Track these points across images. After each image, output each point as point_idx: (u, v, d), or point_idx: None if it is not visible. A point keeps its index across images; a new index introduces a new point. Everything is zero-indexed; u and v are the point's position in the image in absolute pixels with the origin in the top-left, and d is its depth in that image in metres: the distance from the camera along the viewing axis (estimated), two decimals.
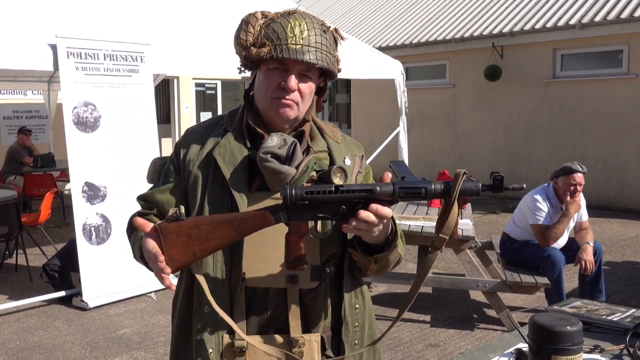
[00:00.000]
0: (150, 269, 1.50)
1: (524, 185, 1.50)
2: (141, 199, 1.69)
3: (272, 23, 1.52)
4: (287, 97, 1.53)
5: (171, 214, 1.47)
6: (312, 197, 1.42)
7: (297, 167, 1.54)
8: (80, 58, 5.32)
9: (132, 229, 1.66)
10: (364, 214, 1.40)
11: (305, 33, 1.50)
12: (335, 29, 1.60)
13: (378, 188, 1.42)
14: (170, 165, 1.67)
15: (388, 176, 1.47)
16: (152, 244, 1.44)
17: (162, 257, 1.43)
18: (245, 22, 1.53)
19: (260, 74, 1.56)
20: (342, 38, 1.61)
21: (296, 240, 1.45)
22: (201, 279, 1.52)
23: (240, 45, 1.53)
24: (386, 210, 1.43)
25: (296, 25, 1.50)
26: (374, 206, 1.41)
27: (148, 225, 1.47)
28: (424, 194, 1.43)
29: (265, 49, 1.49)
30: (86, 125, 5.39)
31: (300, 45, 1.49)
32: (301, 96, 1.55)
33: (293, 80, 1.52)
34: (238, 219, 1.45)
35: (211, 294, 1.53)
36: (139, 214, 1.67)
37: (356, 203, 1.43)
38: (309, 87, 1.56)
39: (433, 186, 1.43)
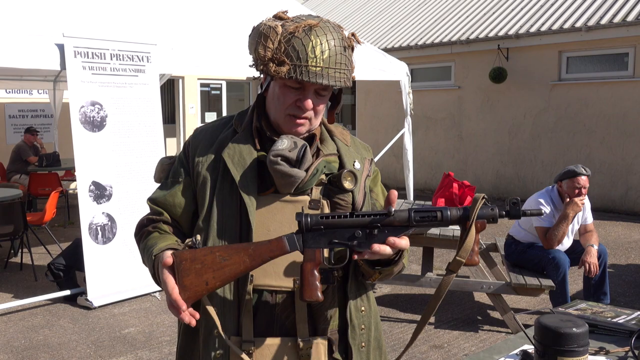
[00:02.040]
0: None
1: (542, 210, 1.51)
2: (151, 201, 1.67)
3: (293, 38, 1.47)
4: (302, 115, 1.53)
5: (187, 242, 1.48)
6: (327, 222, 1.42)
7: (306, 170, 1.53)
8: (87, 57, 5.35)
9: (141, 235, 1.65)
10: (377, 247, 1.41)
11: (326, 54, 1.47)
12: (353, 34, 1.57)
13: (393, 211, 1.41)
14: (178, 165, 1.66)
15: (394, 193, 1.46)
16: (171, 285, 1.43)
17: (184, 307, 1.42)
18: (265, 37, 1.48)
19: (276, 86, 1.54)
20: (359, 43, 1.59)
21: (311, 268, 1.43)
22: (211, 309, 1.52)
23: (259, 59, 1.50)
24: (403, 243, 1.43)
25: (317, 44, 1.47)
26: (391, 239, 1.41)
27: (169, 260, 1.45)
28: (439, 218, 1.43)
29: (285, 69, 1.46)
30: (93, 124, 5.41)
31: (320, 68, 1.47)
32: (315, 113, 1.56)
33: (310, 102, 1.52)
34: (253, 246, 1.44)
35: (219, 295, 1.54)
36: (147, 220, 1.66)
37: (372, 227, 1.43)
38: (323, 104, 1.57)
39: (449, 212, 1.43)
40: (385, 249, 1.41)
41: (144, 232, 1.65)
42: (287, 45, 1.47)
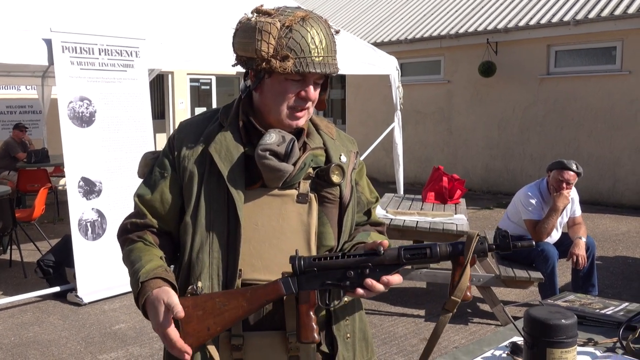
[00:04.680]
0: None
1: (533, 243, 1.54)
2: (138, 197, 1.64)
3: (291, 32, 1.47)
4: (304, 106, 1.55)
5: (189, 290, 1.51)
6: (320, 264, 1.47)
7: (294, 164, 1.54)
8: (75, 52, 5.31)
9: (124, 241, 1.64)
10: (371, 282, 1.46)
11: (324, 42, 1.50)
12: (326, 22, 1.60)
13: (382, 251, 1.46)
14: (164, 159, 1.63)
15: (385, 243, 1.50)
16: (175, 337, 1.44)
17: (188, 356, 1.44)
18: (265, 33, 1.47)
19: (275, 83, 1.52)
20: (336, 32, 1.60)
21: (306, 310, 1.48)
22: (213, 350, 1.53)
23: (260, 57, 1.48)
24: (396, 280, 1.49)
25: (315, 34, 1.49)
26: (384, 278, 1.46)
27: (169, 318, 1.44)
28: (429, 255, 1.47)
29: (290, 63, 1.46)
30: (81, 120, 5.38)
31: (322, 57, 1.50)
32: (313, 102, 1.57)
33: (312, 91, 1.54)
34: (250, 290, 1.49)
35: (207, 289, 1.54)
36: (131, 224, 1.63)
37: (364, 267, 1.47)
38: (318, 93, 1.59)
39: (438, 248, 1.47)
40: (379, 287, 1.46)
41: (127, 238, 1.63)
42: (287, 39, 1.47)
